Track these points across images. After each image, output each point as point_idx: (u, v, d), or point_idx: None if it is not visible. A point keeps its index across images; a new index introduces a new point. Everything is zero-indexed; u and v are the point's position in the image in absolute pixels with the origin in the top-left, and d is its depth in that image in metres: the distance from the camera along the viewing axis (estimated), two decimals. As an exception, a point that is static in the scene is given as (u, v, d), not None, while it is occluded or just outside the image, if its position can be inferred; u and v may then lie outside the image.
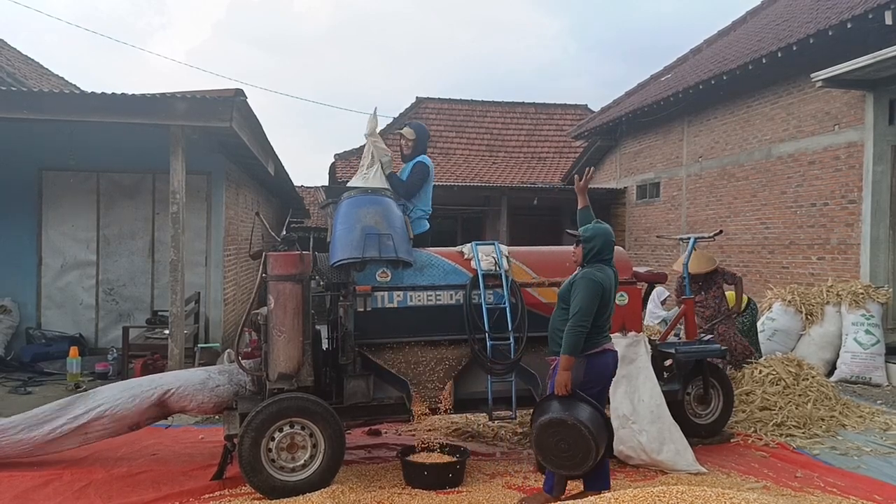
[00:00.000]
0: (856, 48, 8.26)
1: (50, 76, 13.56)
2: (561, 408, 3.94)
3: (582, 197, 4.64)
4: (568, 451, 3.90)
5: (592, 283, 4.00)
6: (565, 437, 3.88)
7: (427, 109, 22.22)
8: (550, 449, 3.94)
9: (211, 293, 8.99)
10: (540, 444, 3.97)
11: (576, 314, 3.94)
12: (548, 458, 4.00)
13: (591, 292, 3.98)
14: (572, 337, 3.93)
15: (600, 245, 4.16)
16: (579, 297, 3.97)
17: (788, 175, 10.42)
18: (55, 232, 8.78)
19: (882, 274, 8.79)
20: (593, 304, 3.98)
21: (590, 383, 4.06)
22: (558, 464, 3.99)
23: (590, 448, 3.87)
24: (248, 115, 7.35)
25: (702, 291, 7.15)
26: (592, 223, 4.35)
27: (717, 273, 7.20)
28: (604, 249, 4.17)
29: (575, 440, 3.87)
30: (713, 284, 7.16)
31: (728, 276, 7.22)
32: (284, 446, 4.37)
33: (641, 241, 15.25)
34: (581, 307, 3.95)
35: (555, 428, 3.90)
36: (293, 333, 4.47)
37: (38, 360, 8.05)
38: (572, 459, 3.91)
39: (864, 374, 8.09)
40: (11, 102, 6.59)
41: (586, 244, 4.20)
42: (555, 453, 3.94)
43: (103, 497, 4.31)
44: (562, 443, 3.90)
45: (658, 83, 15.81)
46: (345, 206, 4.95)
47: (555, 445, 3.92)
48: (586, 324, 3.95)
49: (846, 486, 4.67)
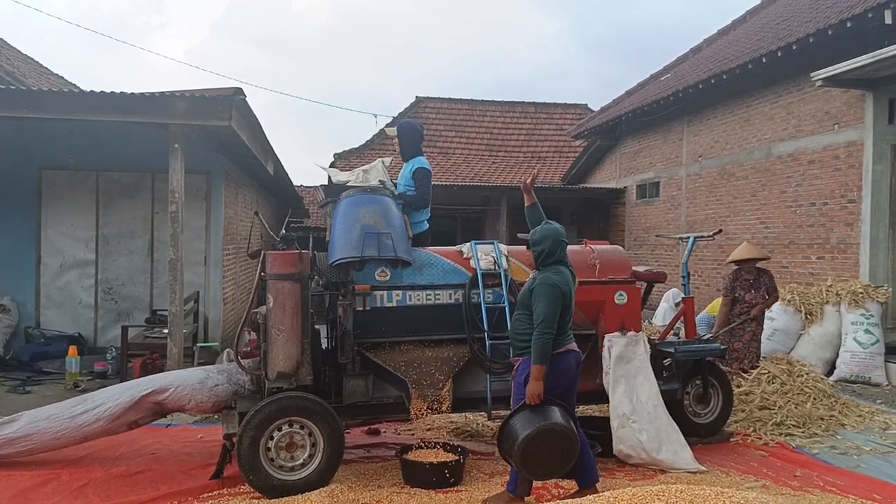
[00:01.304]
0: (855, 47, 8.25)
1: (49, 75, 13.55)
2: (539, 417, 3.91)
3: (528, 195, 4.56)
4: (553, 456, 3.90)
5: (552, 289, 3.99)
6: (551, 444, 3.88)
7: (426, 109, 22.22)
8: (537, 461, 3.90)
9: (210, 292, 8.99)
10: (526, 458, 3.88)
11: (541, 322, 3.94)
12: (534, 470, 3.97)
13: (551, 298, 3.97)
14: (540, 346, 3.93)
15: (549, 246, 4.13)
16: (542, 306, 3.96)
17: (788, 174, 10.42)
18: (54, 231, 8.77)
19: (881, 273, 8.79)
20: (556, 309, 3.97)
21: (554, 384, 4.07)
22: (545, 473, 4.00)
23: (574, 448, 3.90)
24: (247, 114, 7.35)
25: (752, 290, 7.10)
26: (542, 224, 4.29)
27: (766, 275, 7.19)
28: (555, 250, 4.13)
29: (561, 444, 3.89)
30: (761, 286, 7.12)
31: (772, 288, 7.15)
32: (283, 445, 4.36)
33: (641, 240, 15.25)
34: (545, 315, 3.94)
35: (542, 439, 3.87)
36: (292, 332, 4.47)
37: (37, 359, 8.05)
38: (558, 463, 3.93)
39: (863, 374, 8.09)
40: (11, 101, 6.59)
41: (535, 247, 4.18)
42: (541, 464, 3.92)
43: (102, 496, 4.31)
44: (547, 451, 3.89)
45: (658, 83, 15.80)
46: (344, 206, 4.95)
47: (541, 456, 3.89)
48: (552, 331, 3.96)
49: (845, 485, 4.67)
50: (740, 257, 7.26)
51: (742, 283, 7.17)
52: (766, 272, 7.26)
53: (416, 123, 5.89)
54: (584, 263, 5.27)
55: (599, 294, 5.20)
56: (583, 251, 5.42)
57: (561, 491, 4.43)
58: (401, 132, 5.67)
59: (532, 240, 4.22)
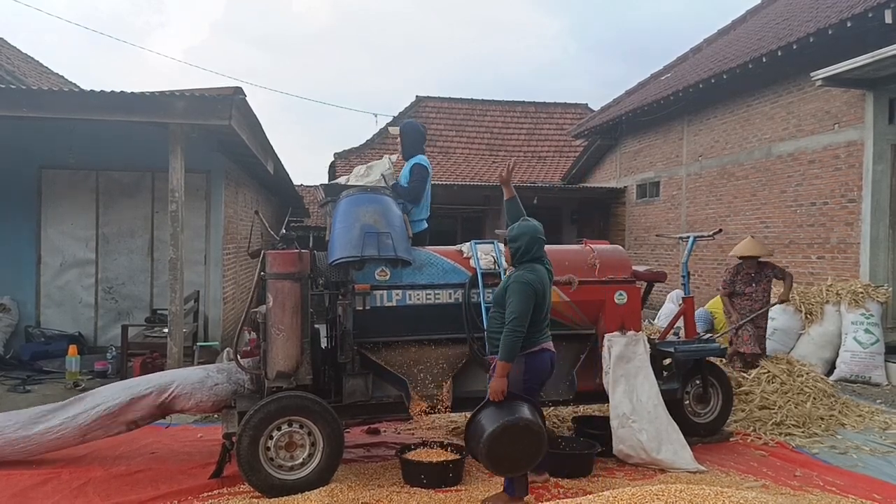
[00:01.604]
0: (856, 47, 8.24)
1: (49, 74, 13.54)
2: (504, 413, 3.91)
3: (507, 189, 4.57)
4: (519, 452, 3.88)
5: (525, 287, 3.99)
6: (518, 439, 3.87)
7: (427, 108, 22.21)
8: (503, 457, 3.89)
9: (210, 292, 8.99)
10: (492, 455, 3.87)
11: (512, 320, 3.93)
12: (500, 466, 3.96)
13: (524, 296, 3.97)
14: (509, 343, 3.93)
15: (526, 244, 4.12)
16: (514, 303, 3.96)
17: (788, 174, 10.41)
18: (54, 230, 8.77)
19: (882, 273, 8.78)
20: (528, 307, 3.97)
21: (529, 381, 4.09)
22: (511, 468, 3.97)
23: (541, 443, 3.89)
24: (247, 113, 7.35)
25: (752, 283, 7.22)
26: (520, 220, 4.27)
27: (767, 266, 7.29)
28: (531, 247, 4.12)
29: (528, 439, 3.87)
30: (763, 278, 7.23)
31: (778, 272, 7.29)
32: (283, 445, 4.36)
33: (641, 240, 15.24)
34: (516, 313, 3.93)
35: (508, 434, 3.85)
36: (292, 332, 4.47)
37: (37, 358, 8.04)
38: (525, 459, 3.92)
39: (863, 374, 8.09)
40: (11, 100, 6.58)
41: (512, 244, 4.17)
42: (508, 459, 3.90)
43: (102, 495, 4.31)
44: (513, 446, 3.87)
45: (658, 82, 15.80)
46: (344, 205, 4.95)
47: (507, 452, 3.87)
48: (522, 329, 3.95)
49: (845, 484, 4.67)
50: (743, 253, 7.35)
51: (743, 276, 7.30)
52: (767, 264, 7.35)
53: (418, 124, 5.93)
54: (584, 263, 5.27)
55: (599, 294, 5.20)
56: (583, 251, 5.42)
57: (561, 491, 4.43)
58: (403, 132, 5.70)
59: (509, 237, 4.21)
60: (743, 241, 7.62)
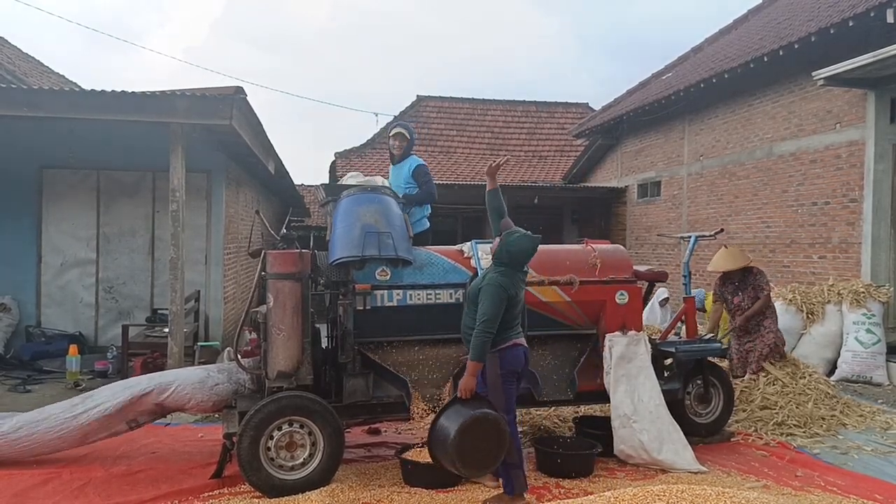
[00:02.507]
0: (857, 47, 8.23)
1: (50, 74, 13.55)
2: (470, 409, 3.97)
3: (491, 180, 4.64)
4: (487, 448, 3.93)
5: (498, 290, 4.07)
6: (484, 434, 3.92)
7: (428, 108, 22.19)
8: (472, 453, 3.92)
9: (211, 291, 8.99)
10: (462, 451, 3.90)
11: (483, 321, 4.02)
12: (469, 465, 3.98)
13: (497, 299, 4.05)
14: (479, 344, 4.02)
15: (520, 253, 4.19)
16: (486, 305, 4.04)
17: (790, 174, 10.40)
18: (55, 230, 8.77)
19: (883, 273, 8.77)
20: (499, 310, 4.06)
21: (505, 376, 4.16)
22: (479, 466, 4.02)
23: (506, 437, 3.95)
24: (248, 113, 7.34)
25: (739, 293, 6.86)
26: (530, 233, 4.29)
27: (752, 274, 6.87)
28: (521, 259, 4.21)
29: (494, 434, 3.93)
30: (748, 286, 6.82)
31: (759, 285, 6.77)
32: (283, 445, 4.36)
33: (642, 239, 15.23)
34: (488, 315, 4.02)
35: (476, 428, 3.90)
36: (292, 332, 4.47)
37: (37, 358, 8.05)
38: (491, 455, 3.96)
39: (864, 374, 8.07)
40: (11, 100, 6.58)
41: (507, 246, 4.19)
42: (476, 456, 3.94)
43: (102, 495, 4.31)
44: (481, 442, 3.92)
45: (659, 82, 15.78)
46: (344, 205, 4.94)
47: (476, 448, 3.92)
48: (492, 331, 4.04)
49: (846, 485, 4.66)
50: (719, 269, 6.99)
51: (728, 287, 6.97)
52: (752, 270, 6.92)
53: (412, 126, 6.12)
54: (585, 263, 5.26)
55: (600, 294, 5.19)
56: (584, 250, 5.41)
57: (562, 491, 4.42)
58: (413, 134, 5.91)
59: (507, 240, 4.22)
60: (718, 254, 7.14)
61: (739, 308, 6.87)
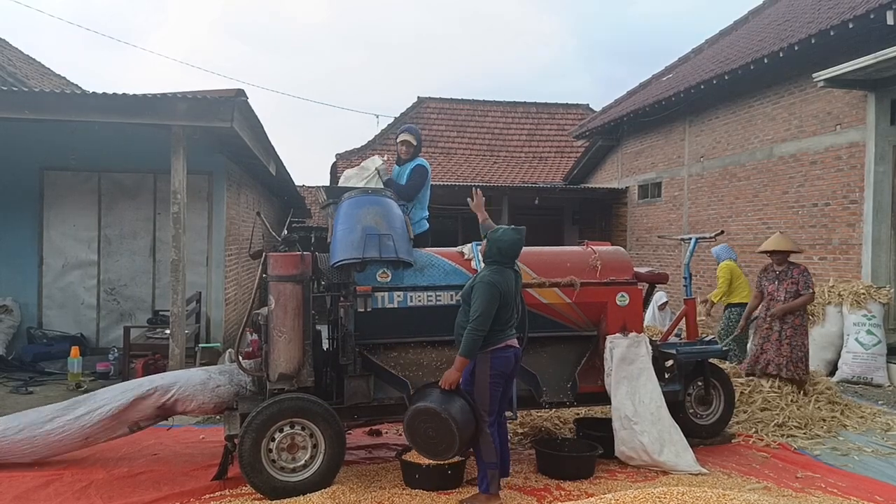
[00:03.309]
0: (857, 48, 8.24)
1: (51, 76, 13.57)
2: (438, 399, 4.14)
3: (480, 213, 4.87)
4: (434, 438, 4.12)
5: (490, 288, 4.13)
6: (434, 426, 4.10)
7: (428, 109, 22.21)
8: (419, 433, 4.17)
9: (212, 293, 9.00)
10: (410, 426, 4.19)
11: (476, 319, 4.09)
12: (415, 441, 4.22)
13: (489, 297, 4.11)
14: (470, 341, 4.10)
15: (506, 248, 4.28)
16: (478, 303, 4.11)
17: (790, 175, 10.40)
18: (56, 232, 8.79)
19: (883, 274, 8.78)
20: (492, 308, 4.11)
21: (494, 377, 4.20)
22: (423, 447, 4.22)
23: (454, 441, 4.08)
24: (249, 115, 7.35)
25: (776, 281, 6.81)
26: (509, 227, 4.41)
27: (796, 269, 6.81)
28: (508, 253, 4.29)
29: (442, 431, 4.08)
30: (787, 278, 6.76)
31: (803, 283, 6.67)
32: (285, 447, 4.37)
33: (643, 241, 15.24)
34: (480, 312, 4.09)
35: (425, 416, 4.13)
36: (294, 334, 4.48)
37: (39, 359, 8.06)
38: (436, 447, 4.14)
39: (865, 375, 8.08)
40: (13, 103, 6.59)
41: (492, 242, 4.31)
42: (422, 438, 4.17)
43: (104, 497, 4.32)
44: (430, 430, 4.13)
45: (659, 83, 15.80)
46: (345, 207, 4.95)
47: (423, 431, 4.15)
48: (484, 328, 4.10)
49: (847, 486, 4.67)
50: (769, 248, 6.94)
51: (768, 274, 6.92)
52: (797, 266, 6.88)
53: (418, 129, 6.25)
54: (585, 264, 5.27)
55: (601, 295, 5.20)
56: (584, 252, 5.42)
57: (562, 493, 4.43)
58: (419, 138, 6.03)
59: (492, 237, 4.33)
60: (771, 237, 7.15)
61: (773, 297, 6.81)
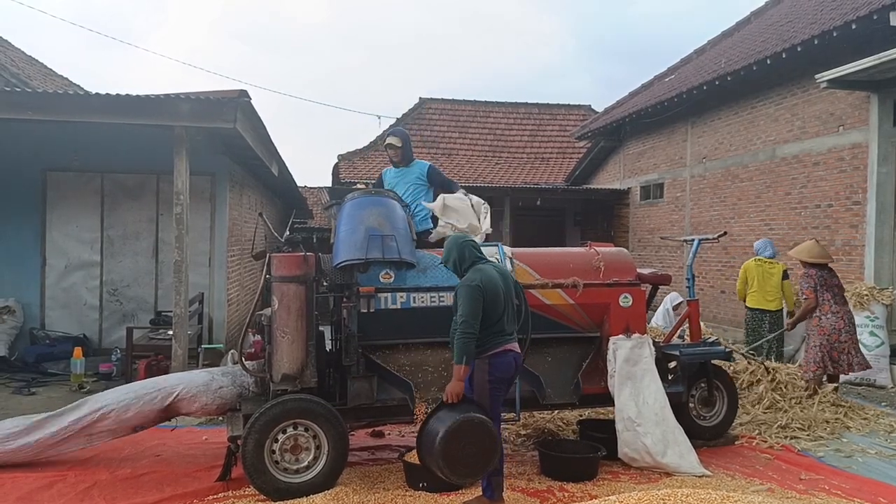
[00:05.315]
0: (860, 49, 8.23)
1: (54, 77, 13.58)
2: (457, 413, 3.92)
3: None
4: (476, 453, 3.87)
5: (470, 289, 4.06)
6: (472, 438, 3.86)
7: (430, 110, 22.21)
8: (459, 458, 3.86)
9: (214, 294, 9.00)
10: (448, 456, 3.85)
11: (462, 323, 3.99)
12: (457, 470, 3.91)
13: (470, 298, 4.03)
14: (461, 345, 3.97)
15: (458, 253, 4.25)
16: (461, 306, 4.03)
17: (793, 176, 10.39)
18: (59, 233, 8.79)
19: (886, 275, 8.76)
20: (475, 308, 4.01)
21: (494, 382, 4.11)
22: (467, 472, 3.95)
23: (495, 441, 3.90)
24: (251, 116, 7.35)
25: (817, 287, 6.82)
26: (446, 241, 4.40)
27: (834, 275, 6.90)
28: (463, 254, 4.25)
29: (482, 438, 3.88)
30: (828, 285, 6.81)
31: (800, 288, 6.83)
32: (288, 448, 4.37)
33: (645, 241, 15.23)
34: (465, 315, 3.99)
35: (463, 431, 3.85)
36: (297, 335, 4.48)
37: (41, 360, 8.05)
38: (481, 460, 3.90)
39: (868, 376, 8.06)
40: (16, 103, 6.60)
41: (447, 263, 4.32)
42: (464, 461, 3.87)
43: (107, 498, 4.32)
44: (469, 446, 3.86)
45: (662, 84, 15.79)
46: (348, 208, 4.95)
47: (463, 452, 3.86)
48: (473, 330, 3.99)
49: (851, 488, 4.66)
50: (795, 256, 7.03)
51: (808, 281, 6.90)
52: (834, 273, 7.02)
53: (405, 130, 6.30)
54: (588, 266, 5.27)
55: (604, 296, 5.20)
56: (587, 253, 5.42)
57: (566, 495, 4.42)
58: (405, 140, 5.98)
59: (443, 259, 4.37)
60: (809, 244, 7.17)
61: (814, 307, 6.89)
